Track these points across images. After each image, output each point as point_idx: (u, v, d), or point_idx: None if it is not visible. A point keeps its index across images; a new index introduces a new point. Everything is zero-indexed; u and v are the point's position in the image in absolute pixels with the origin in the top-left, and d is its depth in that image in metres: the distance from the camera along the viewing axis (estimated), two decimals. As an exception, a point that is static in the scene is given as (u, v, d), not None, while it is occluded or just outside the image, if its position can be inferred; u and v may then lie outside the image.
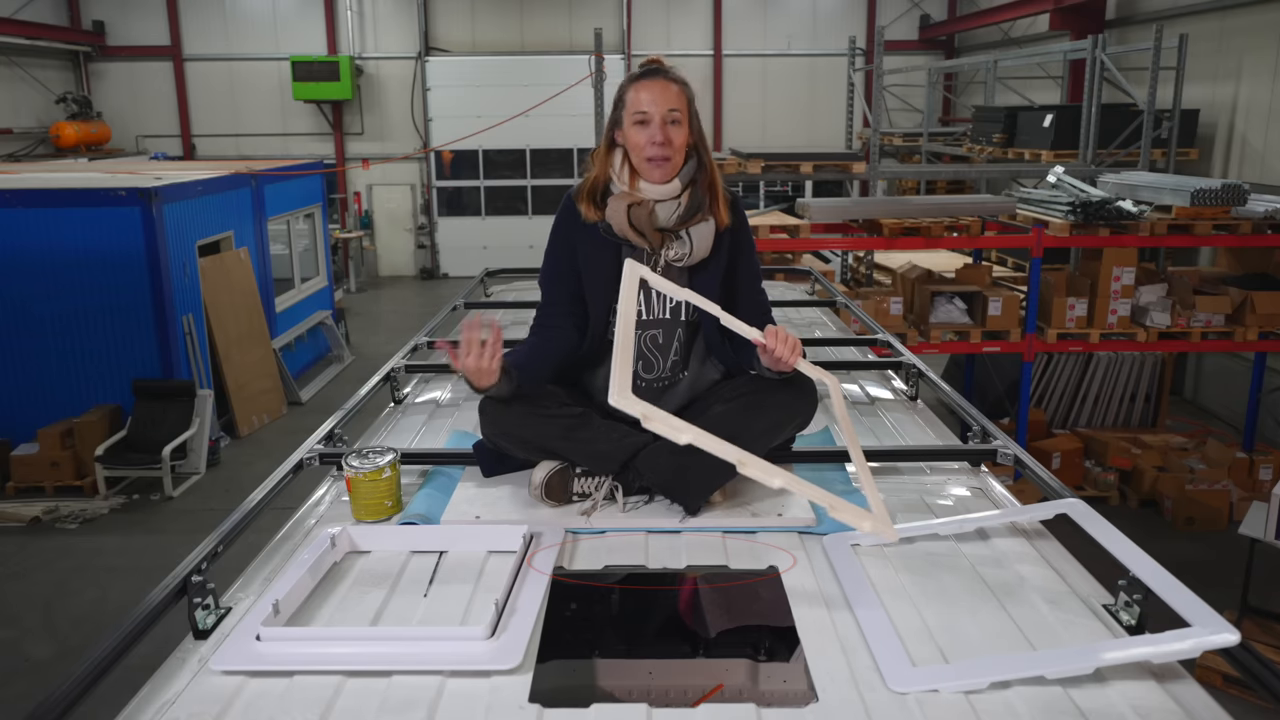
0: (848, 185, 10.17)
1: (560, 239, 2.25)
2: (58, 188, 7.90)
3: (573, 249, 2.22)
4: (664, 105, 2.10)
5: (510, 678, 1.43)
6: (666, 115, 2.10)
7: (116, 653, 1.41)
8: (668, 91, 2.11)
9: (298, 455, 2.22)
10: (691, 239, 2.17)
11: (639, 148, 2.13)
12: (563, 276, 2.23)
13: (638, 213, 2.14)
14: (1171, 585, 1.52)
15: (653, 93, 2.11)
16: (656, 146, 2.10)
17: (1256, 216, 6.56)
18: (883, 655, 1.47)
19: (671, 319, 2.22)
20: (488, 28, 16.35)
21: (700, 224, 2.18)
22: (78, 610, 5.61)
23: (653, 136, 2.10)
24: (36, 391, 7.72)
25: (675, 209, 2.16)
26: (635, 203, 2.14)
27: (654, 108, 2.10)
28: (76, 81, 15.96)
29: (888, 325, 6.55)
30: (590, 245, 2.20)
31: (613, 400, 1.76)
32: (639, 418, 1.76)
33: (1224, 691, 4.18)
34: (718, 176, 2.22)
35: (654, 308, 2.21)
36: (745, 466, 1.73)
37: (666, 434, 1.77)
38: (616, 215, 2.15)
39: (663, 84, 2.12)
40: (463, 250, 16.30)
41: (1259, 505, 5.15)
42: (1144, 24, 10.45)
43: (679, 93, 2.13)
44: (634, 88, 2.13)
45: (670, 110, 2.11)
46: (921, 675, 1.42)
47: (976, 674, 1.41)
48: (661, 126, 2.10)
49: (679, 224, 2.17)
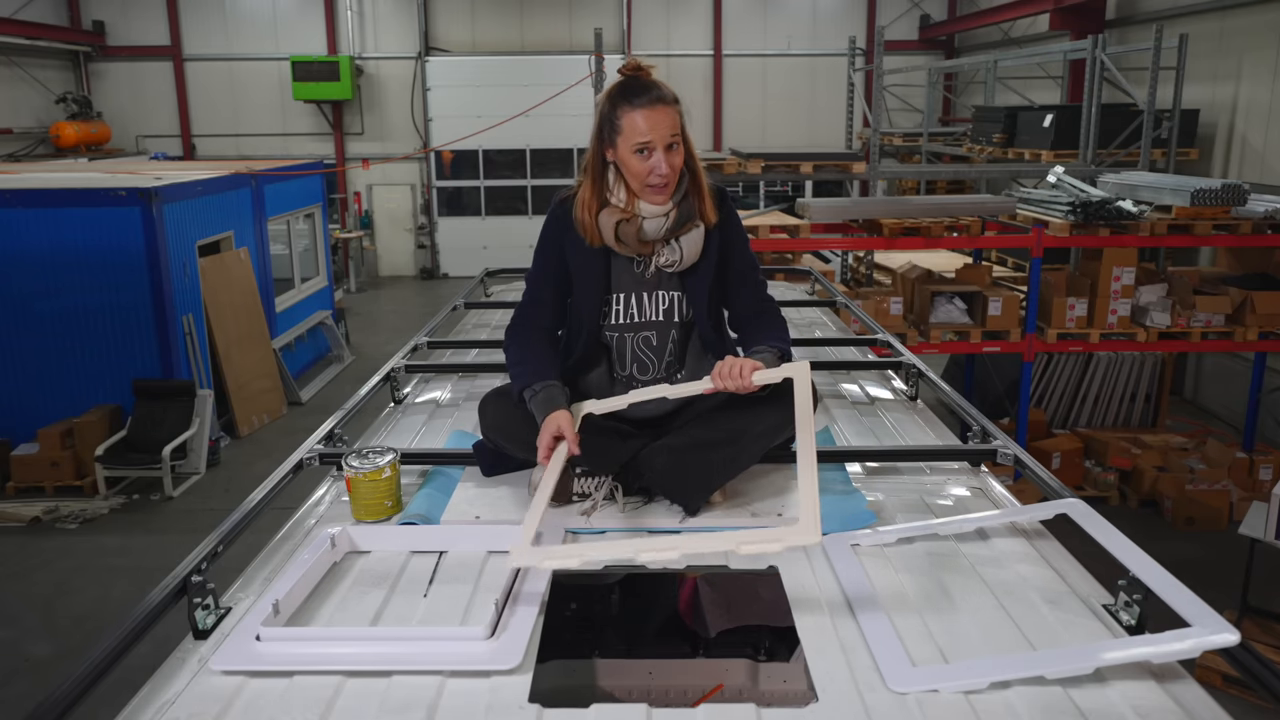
0: (848, 185, 10.17)
1: (550, 241, 2.22)
2: (58, 188, 7.91)
3: (562, 251, 2.20)
4: (665, 133, 2.02)
5: (510, 678, 1.43)
6: (667, 143, 2.03)
7: (116, 653, 1.41)
8: (668, 117, 2.02)
9: (298, 455, 2.22)
10: (681, 247, 2.15)
11: (639, 175, 2.05)
12: (551, 278, 2.21)
13: (626, 229, 2.10)
14: (1171, 585, 1.52)
15: (652, 120, 2.01)
16: (659, 176, 2.03)
17: (1256, 216, 6.56)
18: (882, 655, 1.47)
19: (665, 320, 2.21)
20: (488, 28, 16.36)
21: (690, 231, 2.15)
22: (78, 610, 5.61)
23: (656, 167, 2.03)
24: (36, 391, 7.72)
25: (664, 223, 2.12)
26: (625, 219, 2.10)
27: (656, 136, 2.01)
28: (76, 81, 15.97)
29: (888, 325, 6.55)
30: (580, 249, 2.17)
31: (513, 561, 1.67)
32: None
33: (1224, 691, 4.18)
34: (703, 177, 2.17)
35: (646, 309, 2.20)
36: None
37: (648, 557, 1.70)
38: (606, 229, 2.12)
39: (663, 110, 2.02)
40: (463, 250, 16.31)
41: (1259, 505, 5.15)
42: (1144, 24, 10.45)
43: (676, 114, 2.05)
44: (630, 113, 2.02)
45: (671, 136, 2.03)
46: (921, 675, 1.42)
47: (976, 674, 1.41)
48: (663, 156, 2.02)
49: (668, 235, 2.13)
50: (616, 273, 2.20)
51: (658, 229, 2.12)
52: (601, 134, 2.09)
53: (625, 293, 2.20)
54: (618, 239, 2.12)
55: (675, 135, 2.04)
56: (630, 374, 2.23)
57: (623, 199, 2.11)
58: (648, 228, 2.11)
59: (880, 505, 2.07)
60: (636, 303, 2.20)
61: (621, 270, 2.20)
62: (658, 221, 2.11)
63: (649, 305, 2.20)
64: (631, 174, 2.07)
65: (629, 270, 2.20)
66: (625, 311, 2.21)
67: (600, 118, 2.09)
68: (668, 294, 2.20)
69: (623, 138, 2.04)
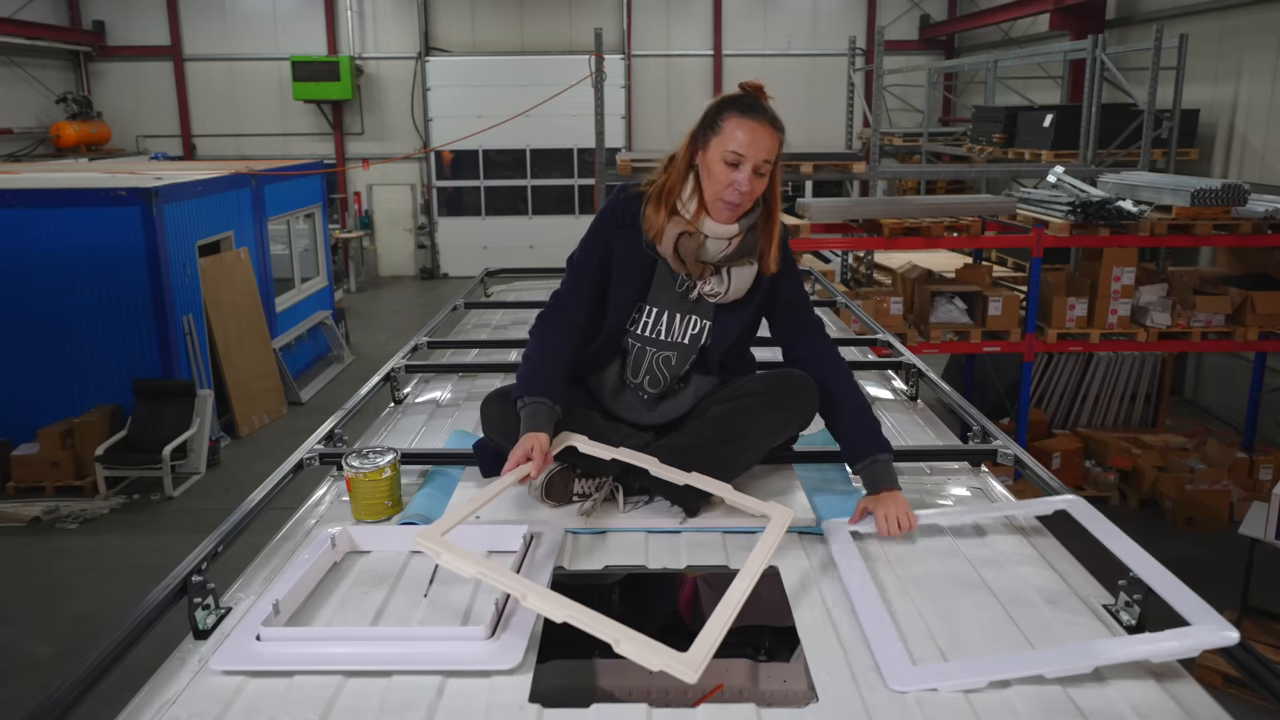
0: (848, 185, 10.17)
1: (600, 233, 2.18)
2: (58, 188, 7.91)
3: (609, 247, 2.16)
4: (761, 153, 1.98)
5: (510, 678, 1.43)
6: (759, 164, 1.98)
7: (116, 653, 1.41)
8: (770, 139, 1.99)
9: (298, 455, 2.22)
10: (731, 279, 2.11)
11: (719, 185, 2.00)
12: (592, 271, 2.17)
13: (686, 243, 2.06)
14: (1171, 584, 1.52)
15: (754, 135, 1.97)
16: (738, 193, 1.99)
17: (1256, 216, 6.56)
18: (882, 655, 1.47)
19: (689, 345, 2.18)
20: (488, 28, 16.36)
21: (744, 266, 2.12)
22: (78, 610, 5.61)
23: (738, 183, 1.98)
24: (36, 391, 7.72)
25: (725, 248, 2.08)
26: (687, 232, 2.07)
27: (750, 151, 1.97)
28: (76, 81, 15.96)
29: (888, 325, 6.55)
30: (629, 248, 2.14)
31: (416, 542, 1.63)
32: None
33: (1224, 691, 4.18)
34: (778, 222, 2.12)
35: (674, 330, 2.17)
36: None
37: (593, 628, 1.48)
38: (668, 238, 2.08)
39: (768, 131, 1.99)
40: (463, 250, 16.30)
41: (1259, 505, 5.15)
42: (1144, 24, 10.45)
43: (778, 141, 2.01)
44: (735, 121, 1.98)
45: (764, 161, 1.99)
46: (921, 674, 1.42)
47: (975, 673, 1.41)
48: (750, 175, 1.98)
49: (724, 261, 2.10)
50: (657, 285, 2.16)
51: (718, 252, 2.08)
52: (698, 134, 2.05)
53: (659, 308, 2.17)
54: (676, 251, 2.08)
55: (768, 161, 2.00)
56: (641, 384, 2.21)
57: (692, 210, 2.07)
58: (710, 248, 2.07)
59: (880, 505, 2.06)
60: (667, 321, 2.17)
61: (663, 285, 2.16)
62: (720, 244, 2.07)
63: (678, 327, 2.18)
64: (712, 180, 2.02)
65: (670, 287, 2.16)
66: (654, 326, 2.18)
67: (703, 118, 2.05)
68: (700, 321, 2.17)
69: (718, 140, 2.00)
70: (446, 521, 1.72)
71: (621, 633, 1.42)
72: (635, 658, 1.38)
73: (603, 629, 1.42)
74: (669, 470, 1.99)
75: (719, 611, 1.51)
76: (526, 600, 1.50)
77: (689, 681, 1.36)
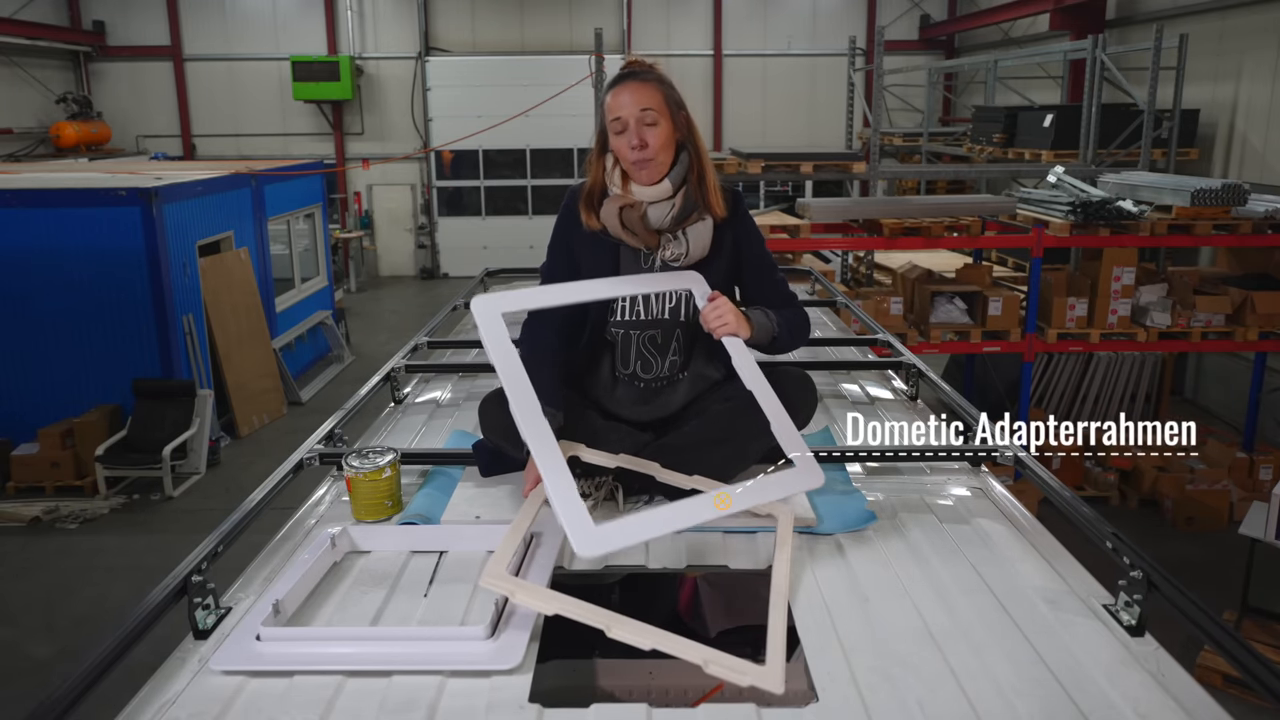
0: (848, 185, 10.17)
1: (560, 238, 2.26)
2: (58, 188, 7.91)
3: (570, 248, 2.23)
4: (636, 107, 2.06)
5: (510, 678, 1.43)
6: (641, 117, 2.06)
7: (116, 653, 1.41)
8: (640, 92, 2.07)
9: (298, 455, 2.22)
10: (688, 239, 2.17)
11: (623, 155, 2.10)
12: (562, 273, 2.23)
13: (629, 215, 2.13)
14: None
15: (625, 96, 2.07)
16: (635, 150, 2.07)
17: (1256, 216, 6.56)
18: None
19: (670, 319, 2.21)
20: (488, 28, 16.36)
21: (696, 223, 2.17)
22: (78, 610, 5.61)
23: (629, 141, 2.07)
24: (36, 391, 7.72)
25: (669, 210, 2.14)
26: (627, 205, 2.13)
27: (627, 111, 2.07)
28: (76, 81, 15.97)
29: (888, 325, 6.55)
30: (589, 246, 2.20)
31: (484, 581, 1.57)
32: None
33: (1224, 691, 4.18)
34: (709, 169, 2.18)
35: (652, 307, 2.21)
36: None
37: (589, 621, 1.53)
38: (610, 217, 2.15)
39: (635, 85, 2.08)
40: (463, 250, 16.31)
41: (1259, 505, 5.14)
42: (1144, 24, 10.45)
43: (653, 90, 2.08)
44: (608, 96, 2.10)
45: (644, 111, 2.06)
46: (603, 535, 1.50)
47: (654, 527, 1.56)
48: (637, 130, 2.06)
49: (674, 225, 2.15)
50: (624, 267, 2.21)
51: (662, 216, 2.14)
52: (599, 129, 2.16)
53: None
54: (623, 226, 2.14)
55: (650, 110, 2.07)
56: (634, 372, 2.23)
57: (619, 184, 2.15)
58: (652, 214, 2.14)
59: (880, 505, 2.07)
60: (643, 299, 2.20)
61: (630, 265, 2.21)
62: (662, 208, 2.14)
63: (655, 302, 2.20)
64: (619, 156, 2.12)
65: (636, 265, 2.21)
66: (632, 308, 2.20)
67: (600, 109, 2.18)
68: (675, 291, 2.20)
69: (608, 122, 2.11)
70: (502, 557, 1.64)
71: (709, 654, 1.46)
72: (725, 677, 1.44)
73: (690, 652, 1.47)
74: (672, 475, 2.00)
75: (774, 617, 1.58)
76: (611, 631, 1.48)
77: (777, 693, 1.42)
